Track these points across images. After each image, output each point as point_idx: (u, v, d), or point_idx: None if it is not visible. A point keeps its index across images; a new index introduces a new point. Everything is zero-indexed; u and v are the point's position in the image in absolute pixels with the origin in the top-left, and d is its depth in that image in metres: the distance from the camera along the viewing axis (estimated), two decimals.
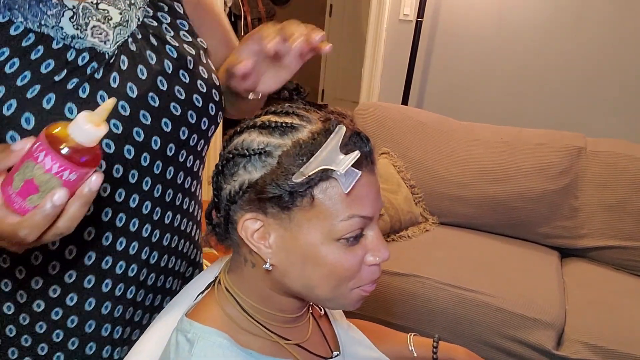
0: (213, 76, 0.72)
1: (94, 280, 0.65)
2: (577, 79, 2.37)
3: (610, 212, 1.86)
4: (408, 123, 2.10)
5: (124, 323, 0.71)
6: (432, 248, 1.83)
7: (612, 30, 2.25)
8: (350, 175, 0.49)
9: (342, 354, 0.67)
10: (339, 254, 0.52)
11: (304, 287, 0.54)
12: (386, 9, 2.62)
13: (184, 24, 0.72)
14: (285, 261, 0.53)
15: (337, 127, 0.50)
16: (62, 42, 0.59)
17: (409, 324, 1.63)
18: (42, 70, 0.57)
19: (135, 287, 0.69)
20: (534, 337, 1.48)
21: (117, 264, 0.66)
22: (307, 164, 0.49)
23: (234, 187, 0.52)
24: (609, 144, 1.93)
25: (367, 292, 0.56)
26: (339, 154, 0.49)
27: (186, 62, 0.68)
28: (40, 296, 0.64)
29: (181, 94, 0.66)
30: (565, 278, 1.76)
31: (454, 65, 2.60)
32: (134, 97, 0.62)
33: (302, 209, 0.50)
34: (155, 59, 0.65)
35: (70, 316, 0.65)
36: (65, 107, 0.58)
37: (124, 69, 0.62)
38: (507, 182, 1.93)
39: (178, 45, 0.68)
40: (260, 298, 0.57)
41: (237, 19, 4.07)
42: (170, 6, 0.71)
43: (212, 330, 0.55)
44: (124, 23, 0.64)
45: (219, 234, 0.58)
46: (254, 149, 0.51)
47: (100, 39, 0.62)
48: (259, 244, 0.52)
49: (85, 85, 0.59)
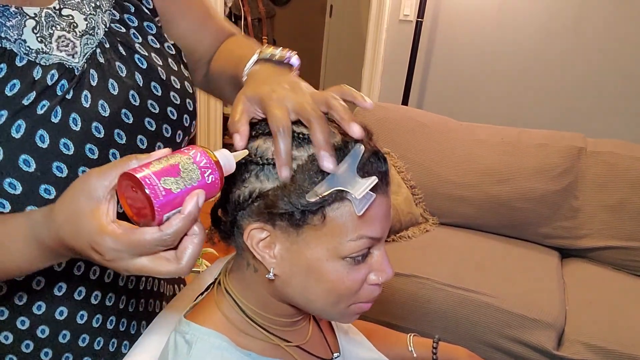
0: (186, 84, 0.69)
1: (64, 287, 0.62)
2: (577, 80, 2.37)
3: (611, 213, 1.86)
4: (408, 123, 2.10)
5: (107, 333, 0.68)
6: (432, 249, 1.83)
7: (612, 30, 2.25)
8: (365, 198, 0.47)
9: (342, 356, 0.67)
10: (343, 272, 0.51)
11: (303, 299, 0.54)
12: (386, 9, 2.62)
13: (151, 27, 0.68)
14: (288, 272, 0.52)
15: (356, 146, 0.49)
16: (26, 58, 0.54)
17: (409, 324, 1.63)
18: (7, 92, 0.52)
19: (115, 294, 0.67)
20: (534, 338, 1.48)
21: (90, 270, 0.64)
22: (321, 182, 0.47)
23: (243, 193, 0.51)
24: (609, 145, 1.93)
25: (363, 309, 0.56)
26: (356, 176, 0.47)
27: (157, 73, 0.64)
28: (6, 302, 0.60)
29: (154, 107, 0.63)
30: (565, 278, 1.76)
31: (454, 65, 2.60)
32: (106, 115, 0.58)
33: (312, 226, 0.49)
34: (125, 71, 0.61)
35: (40, 326, 0.62)
36: (36, 134, 0.53)
37: (94, 85, 0.58)
38: (507, 183, 1.93)
39: (147, 54, 0.64)
40: (260, 302, 0.57)
41: (237, 19, 4.07)
42: (136, 7, 0.67)
43: (210, 332, 0.54)
44: (90, 31, 0.60)
45: (222, 232, 0.57)
46: (268, 158, 0.49)
47: (68, 51, 0.57)
48: (264, 253, 0.52)
49: (57, 109, 0.55)
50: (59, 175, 0.55)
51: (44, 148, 0.54)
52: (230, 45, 0.77)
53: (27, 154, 0.53)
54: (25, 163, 0.53)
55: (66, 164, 0.55)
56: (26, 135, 0.52)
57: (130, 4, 0.66)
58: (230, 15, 4.00)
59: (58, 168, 0.55)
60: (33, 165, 0.53)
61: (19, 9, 0.55)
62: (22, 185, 0.53)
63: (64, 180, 0.55)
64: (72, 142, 0.56)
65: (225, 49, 0.77)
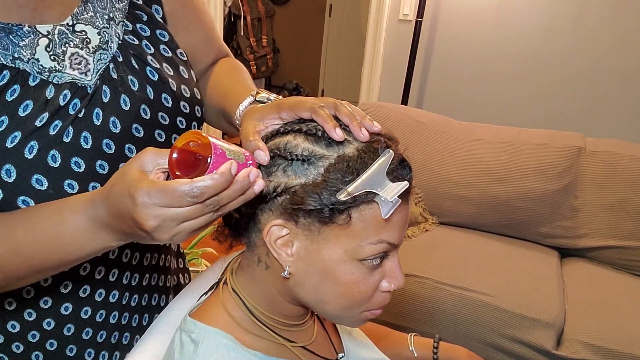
0: (195, 91, 0.69)
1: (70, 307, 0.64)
2: (577, 79, 2.37)
3: (610, 212, 1.86)
4: (408, 123, 2.10)
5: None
6: (431, 248, 1.83)
7: (612, 30, 2.26)
8: (392, 202, 0.48)
9: (346, 356, 0.67)
10: (357, 275, 0.52)
11: (316, 301, 0.54)
12: (386, 9, 2.62)
13: (164, 34, 0.68)
14: (304, 272, 0.52)
15: (386, 151, 0.50)
16: (39, 77, 0.55)
17: (409, 324, 1.63)
18: (21, 113, 0.53)
19: (118, 312, 0.69)
20: (533, 337, 1.48)
21: (97, 292, 0.66)
22: (353, 183, 0.48)
23: (267, 187, 0.51)
24: (608, 144, 1.93)
25: (374, 315, 0.57)
26: (386, 179, 0.49)
27: (168, 85, 0.65)
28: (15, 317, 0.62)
29: (165, 119, 0.64)
30: (564, 278, 1.77)
31: (454, 65, 2.60)
32: (117, 132, 0.59)
33: (336, 225, 0.50)
34: (137, 85, 0.62)
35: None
36: (48, 155, 0.54)
37: (106, 102, 0.59)
38: (507, 182, 1.93)
39: (159, 67, 0.65)
40: (267, 301, 0.57)
41: (237, 18, 4.07)
42: (149, 15, 0.67)
43: (216, 331, 0.54)
44: (103, 45, 0.60)
45: (234, 229, 0.57)
46: (298, 154, 0.50)
47: (80, 69, 0.58)
48: (281, 250, 0.52)
49: (69, 129, 0.55)
50: (70, 192, 0.56)
51: (55, 167, 0.55)
52: (224, 73, 0.78)
53: (40, 174, 0.54)
54: (38, 182, 0.54)
55: (77, 180, 0.57)
56: (39, 155, 0.53)
57: (142, 12, 0.66)
58: (230, 14, 3.99)
59: (69, 185, 0.56)
60: (45, 184, 0.54)
61: (32, 28, 0.56)
62: (36, 203, 0.55)
63: None
64: (83, 160, 0.57)
65: (219, 76, 0.77)
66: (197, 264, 1.97)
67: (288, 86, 4.84)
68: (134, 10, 0.65)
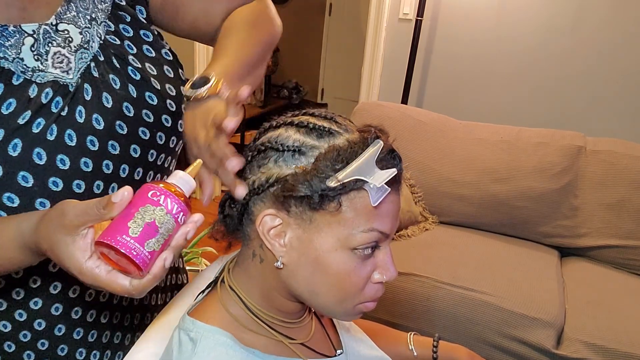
0: (182, 89, 0.68)
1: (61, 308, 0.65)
2: (577, 78, 2.37)
3: (610, 211, 1.86)
4: (408, 122, 2.10)
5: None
6: (431, 247, 1.83)
7: (611, 30, 2.25)
8: (381, 189, 0.50)
9: (345, 353, 0.67)
10: (349, 265, 0.52)
11: (309, 292, 0.55)
12: (386, 8, 2.61)
13: (148, 35, 0.68)
14: (296, 262, 0.53)
15: (376, 141, 0.52)
16: (22, 76, 0.56)
17: (409, 323, 1.63)
18: (4, 111, 0.53)
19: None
20: (533, 336, 1.48)
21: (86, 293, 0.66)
22: (343, 170, 0.50)
23: (259, 178, 0.53)
24: (608, 144, 1.93)
25: (368, 308, 0.57)
26: (375, 167, 0.50)
27: (151, 84, 0.65)
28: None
29: (149, 117, 0.64)
30: (565, 277, 1.77)
31: (454, 64, 2.59)
32: (101, 128, 0.59)
33: (327, 212, 0.51)
34: (119, 83, 0.62)
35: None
36: (33, 152, 0.54)
37: (88, 100, 0.59)
38: (507, 182, 1.93)
39: (141, 66, 0.65)
40: (264, 297, 0.58)
41: None
42: (132, 16, 0.67)
43: (215, 329, 0.55)
44: (85, 45, 0.61)
45: (229, 225, 0.58)
46: (289, 145, 0.52)
47: (62, 68, 0.58)
48: (274, 241, 0.53)
49: (52, 127, 0.56)
50: (55, 190, 0.57)
51: (41, 165, 0.55)
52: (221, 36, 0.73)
53: (26, 171, 0.55)
54: (24, 179, 0.55)
55: (62, 178, 0.57)
56: (23, 153, 0.54)
57: (126, 14, 0.66)
58: None
59: (54, 183, 0.57)
60: (31, 181, 0.55)
61: (17, 27, 0.56)
62: (20, 199, 0.55)
63: (58, 194, 0.57)
64: (68, 158, 0.57)
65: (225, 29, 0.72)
66: (197, 263, 1.97)
67: (287, 85, 4.84)
68: (117, 11, 0.66)
